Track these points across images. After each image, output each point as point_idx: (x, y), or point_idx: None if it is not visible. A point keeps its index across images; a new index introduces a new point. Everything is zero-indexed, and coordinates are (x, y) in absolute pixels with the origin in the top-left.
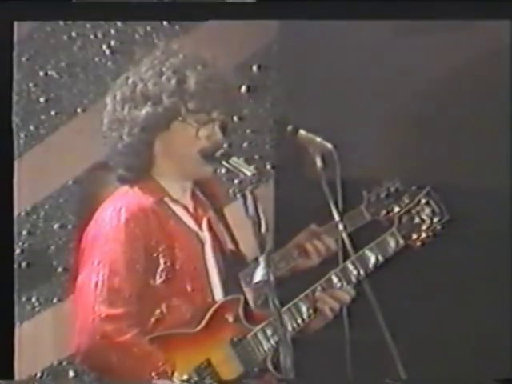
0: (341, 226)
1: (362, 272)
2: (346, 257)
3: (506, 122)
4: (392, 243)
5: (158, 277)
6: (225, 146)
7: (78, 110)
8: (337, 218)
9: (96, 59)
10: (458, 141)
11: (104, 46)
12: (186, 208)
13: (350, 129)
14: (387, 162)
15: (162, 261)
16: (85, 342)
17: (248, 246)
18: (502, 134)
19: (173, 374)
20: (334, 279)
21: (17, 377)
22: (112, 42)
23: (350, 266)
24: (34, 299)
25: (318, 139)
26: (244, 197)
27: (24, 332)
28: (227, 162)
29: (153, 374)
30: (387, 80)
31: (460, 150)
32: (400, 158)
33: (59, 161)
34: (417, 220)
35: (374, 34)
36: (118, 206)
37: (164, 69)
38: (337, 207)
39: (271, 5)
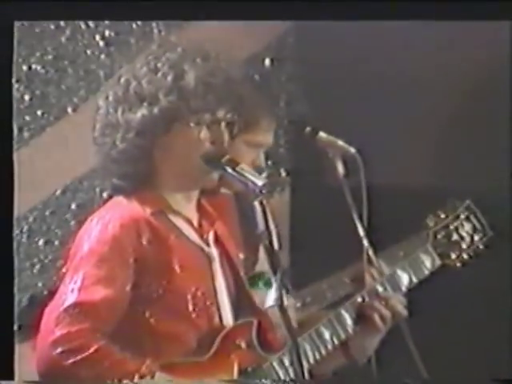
0: (365, 242)
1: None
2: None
3: (506, 123)
4: (427, 262)
5: (153, 296)
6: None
7: (68, 110)
8: (361, 232)
9: (88, 51)
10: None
11: (97, 37)
12: (188, 221)
13: (375, 130)
14: (418, 169)
15: (158, 279)
16: (43, 369)
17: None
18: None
19: (153, 377)
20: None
21: (17, 377)
22: (106, 32)
23: (380, 288)
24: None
25: (340, 142)
26: (253, 209)
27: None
28: (234, 169)
29: (136, 376)
30: (416, 79)
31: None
32: (433, 165)
33: (46, 168)
34: (455, 237)
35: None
36: (107, 218)
37: (159, 64)
38: (361, 220)
39: (272, 5)
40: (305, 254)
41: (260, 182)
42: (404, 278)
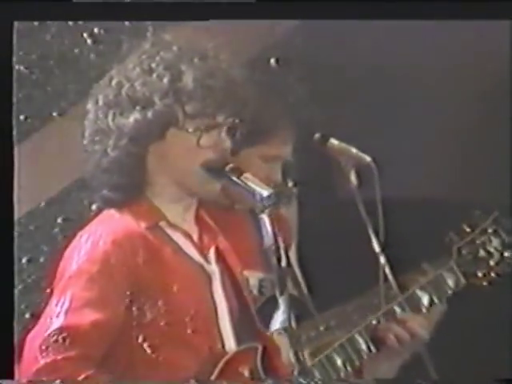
0: (382, 259)
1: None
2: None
3: (506, 123)
4: (450, 281)
5: (148, 318)
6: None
7: (54, 114)
8: (377, 248)
9: (76, 50)
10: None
11: (85, 35)
12: (188, 235)
13: (391, 137)
14: (439, 179)
15: (154, 300)
16: None
17: None
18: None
19: None
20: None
21: (17, 377)
22: (95, 30)
23: (397, 309)
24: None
25: (353, 150)
26: (259, 223)
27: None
28: (238, 178)
29: None
30: (419, 80)
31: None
32: (455, 175)
33: (30, 177)
34: (482, 253)
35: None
36: (97, 233)
37: (154, 65)
38: (377, 235)
39: (271, 5)
40: (313, 272)
41: (265, 193)
42: (424, 299)
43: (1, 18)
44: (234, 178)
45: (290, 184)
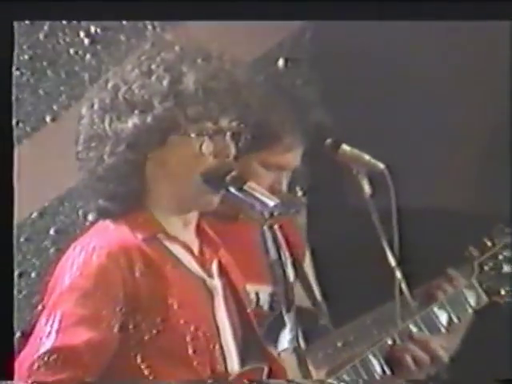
0: (398, 274)
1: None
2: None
3: (506, 123)
4: (471, 299)
5: (146, 337)
6: None
7: (47, 119)
8: (392, 262)
9: (70, 51)
10: None
11: (81, 34)
12: (188, 248)
13: (406, 142)
14: (457, 188)
15: (152, 317)
16: None
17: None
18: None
19: None
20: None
21: (17, 377)
22: (92, 29)
23: (414, 329)
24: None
25: (366, 157)
26: (263, 235)
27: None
28: (242, 187)
29: None
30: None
31: None
32: (475, 184)
33: (20, 186)
34: (505, 269)
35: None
36: (91, 245)
37: (154, 66)
38: (392, 248)
39: (274, 5)
40: (323, 287)
41: (271, 203)
42: (442, 318)
43: (1, 18)
44: (234, 190)
45: (299, 193)
